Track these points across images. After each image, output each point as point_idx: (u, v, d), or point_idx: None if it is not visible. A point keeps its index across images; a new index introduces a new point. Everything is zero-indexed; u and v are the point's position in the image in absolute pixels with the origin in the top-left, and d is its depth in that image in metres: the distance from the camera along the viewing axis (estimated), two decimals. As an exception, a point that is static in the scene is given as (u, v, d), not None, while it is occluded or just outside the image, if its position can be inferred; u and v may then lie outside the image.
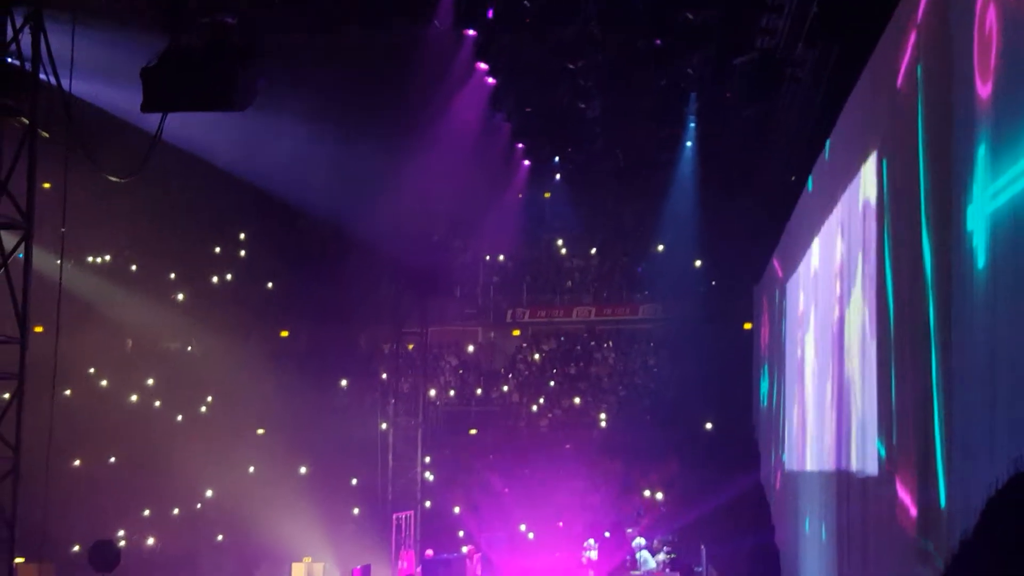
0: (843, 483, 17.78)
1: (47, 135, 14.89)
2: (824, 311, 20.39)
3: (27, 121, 14.07)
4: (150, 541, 36.44)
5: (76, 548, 32.71)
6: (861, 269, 16.28)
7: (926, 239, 12.14)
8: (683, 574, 21.46)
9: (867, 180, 15.93)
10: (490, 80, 28.64)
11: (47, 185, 20.78)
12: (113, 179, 15.62)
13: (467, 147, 31.85)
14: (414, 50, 26.82)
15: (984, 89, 9.47)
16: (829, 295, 19.69)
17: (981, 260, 9.74)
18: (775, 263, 28.66)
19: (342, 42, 27.89)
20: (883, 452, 14.35)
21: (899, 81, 13.23)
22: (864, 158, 16.22)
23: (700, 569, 22.17)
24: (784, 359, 27.15)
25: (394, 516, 28.36)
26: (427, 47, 26.59)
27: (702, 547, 22.73)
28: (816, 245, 21.61)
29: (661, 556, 22.11)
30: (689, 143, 36.38)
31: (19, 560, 13.93)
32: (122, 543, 30.40)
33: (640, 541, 22.54)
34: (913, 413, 12.52)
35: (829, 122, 18.68)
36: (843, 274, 18.17)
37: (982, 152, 9.48)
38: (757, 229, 30.88)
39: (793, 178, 24.81)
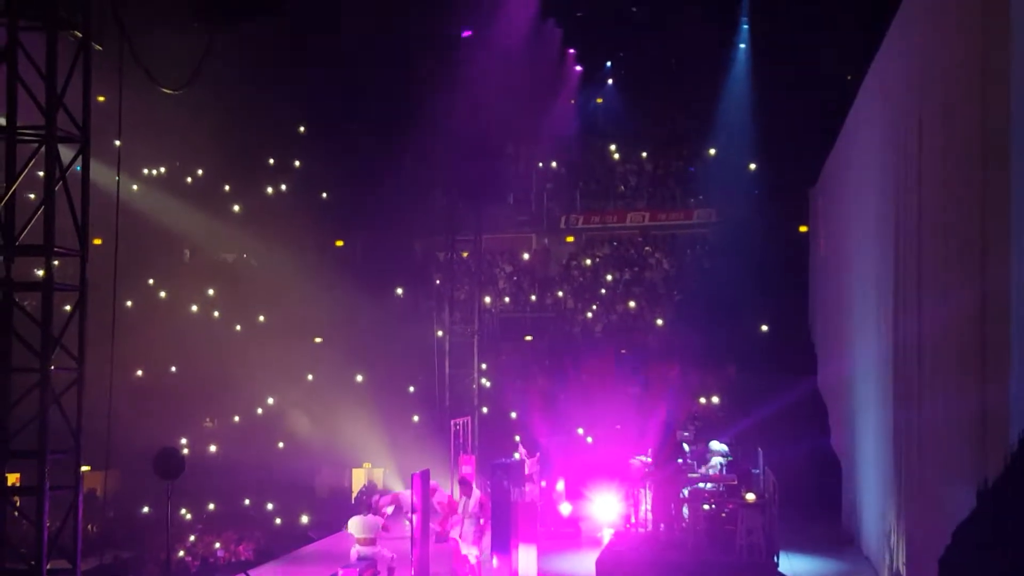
0: (900, 382, 17.76)
1: (100, 48, 14.87)
2: (882, 213, 20.21)
3: (80, 35, 14.07)
4: (212, 449, 37.03)
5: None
6: (914, 179, 16.11)
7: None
8: (740, 477, 21.52)
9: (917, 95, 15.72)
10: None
11: (102, 99, 20.88)
12: (167, 91, 15.61)
13: (519, 54, 31.65)
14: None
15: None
16: (885, 198, 19.51)
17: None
18: (831, 164, 28.35)
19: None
20: (940, 353, 14.29)
21: None
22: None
23: (758, 472, 22.24)
24: (841, 261, 26.98)
25: (452, 422, 28.58)
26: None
27: (759, 450, 22.77)
28: (871, 147, 21.37)
29: (719, 460, 22.18)
30: (743, 45, 36.00)
31: (85, 468, 14.21)
32: (185, 451, 30.89)
33: (720, 446, 22.56)
34: (975, 312, 12.46)
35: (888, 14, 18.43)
36: (898, 180, 17.99)
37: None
38: (812, 131, 30.53)
39: (849, 77, 24.52)
